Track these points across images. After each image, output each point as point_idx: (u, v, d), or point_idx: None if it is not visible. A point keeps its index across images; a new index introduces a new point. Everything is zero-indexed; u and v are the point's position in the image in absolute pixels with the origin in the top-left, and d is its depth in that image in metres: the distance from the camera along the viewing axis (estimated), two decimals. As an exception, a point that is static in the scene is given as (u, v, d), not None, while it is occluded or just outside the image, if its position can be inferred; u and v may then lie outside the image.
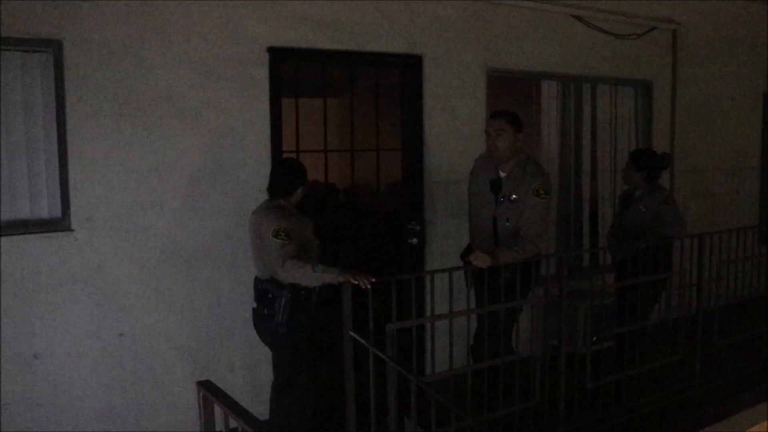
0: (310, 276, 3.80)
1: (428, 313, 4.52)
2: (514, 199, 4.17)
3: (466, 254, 4.34)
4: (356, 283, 3.61)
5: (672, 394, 4.77)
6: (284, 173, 4.12)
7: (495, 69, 5.50)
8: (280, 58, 4.59)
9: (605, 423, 4.41)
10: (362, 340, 3.48)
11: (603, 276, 5.01)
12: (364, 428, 3.68)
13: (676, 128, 6.71)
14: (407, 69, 5.15)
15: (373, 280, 3.62)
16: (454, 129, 5.28)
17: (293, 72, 4.74)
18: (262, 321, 4.03)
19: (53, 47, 3.99)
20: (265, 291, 3.98)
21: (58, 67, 4.01)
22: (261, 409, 4.12)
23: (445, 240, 5.22)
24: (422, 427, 3.56)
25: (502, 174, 4.25)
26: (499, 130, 4.20)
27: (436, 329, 4.08)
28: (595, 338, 4.62)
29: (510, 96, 5.95)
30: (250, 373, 4.59)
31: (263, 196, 4.20)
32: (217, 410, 2.02)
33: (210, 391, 2.01)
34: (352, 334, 3.51)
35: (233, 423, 1.98)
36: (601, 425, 4.40)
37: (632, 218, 5.11)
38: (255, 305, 4.07)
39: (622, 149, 6.29)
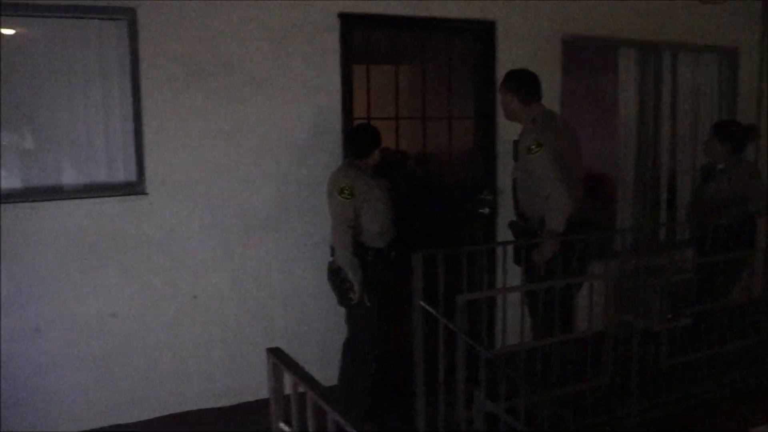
0: (341, 254, 3.96)
1: (499, 286, 4.45)
2: (518, 157, 4.14)
3: (510, 226, 4.33)
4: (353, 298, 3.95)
5: (751, 377, 4.60)
6: (359, 136, 4.20)
7: (570, 36, 5.34)
8: (352, 25, 4.55)
9: (679, 404, 4.30)
10: (432, 310, 3.45)
11: (680, 251, 4.86)
12: (432, 398, 3.67)
13: (764, 98, 6.41)
14: (480, 35, 5.05)
15: (368, 305, 3.98)
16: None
17: (364, 38, 4.70)
18: (334, 276, 4.07)
19: (128, 15, 4.04)
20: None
21: (133, 34, 4.06)
22: (329, 374, 4.17)
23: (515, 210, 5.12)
24: (491, 399, 3.53)
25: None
26: (501, 90, 4.20)
27: (508, 303, 4.02)
28: (670, 316, 4.48)
29: (586, 64, 5.78)
30: (320, 337, 4.61)
31: (334, 163, 4.21)
32: (286, 377, 2.02)
33: (279, 359, 2.01)
34: (422, 303, 3.49)
35: (302, 390, 1.98)
36: (674, 406, 4.29)
37: (714, 192, 4.90)
38: (330, 260, 4.11)
39: (704, 120, 6.07)
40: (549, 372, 3.91)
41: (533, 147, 3.93)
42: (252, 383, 4.39)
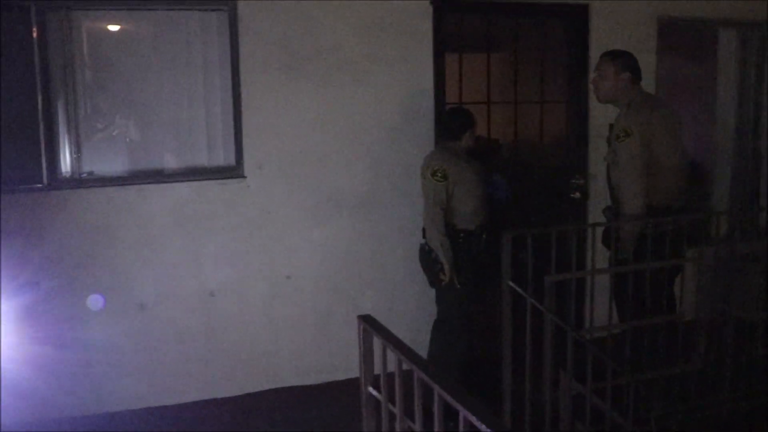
0: (432, 236, 4.02)
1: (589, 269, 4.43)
2: (610, 142, 4.06)
3: (605, 211, 4.29)
4: (443, 278, 4.00)
5: None
6: (452, 118, 4.25)
7: (667, 17, 5.21)
8: (444, 11, 4.60)
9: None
10: (520, 290, 3.48)
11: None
12: (518, 378, 3.70)
13: None
14: (573, 19, 5.02)
15: (458, 286, 4.02)
16: (622, 81, 5.08)
17: (456, 24, 4.75)
18: (425, 257, 4.14)
19: (229, 6, 4.22)
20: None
21: (233, 24, 4.23)
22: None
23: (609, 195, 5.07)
24: (578, 381, 3.53)
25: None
26: (599, 69, 4.06)
27: (597, 286, 4.00)
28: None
29: (684, 46, 5.64)
30: (410, 318, 4.68)
31: (426, 147, 4.29)
32: (376, 342, 2.11)
33: (370, 325, 2.10)
34: (510, 284, 3.52)
35: (390, 357, 2.06)
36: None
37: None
38: (423, 241, 4.18)
39: (809, 104, 5.82)
40: (638, 356, 3.87)
41: (621, 135, 3.87)
42: (342, 362, 4.52)
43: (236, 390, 4.42)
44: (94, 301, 4.01)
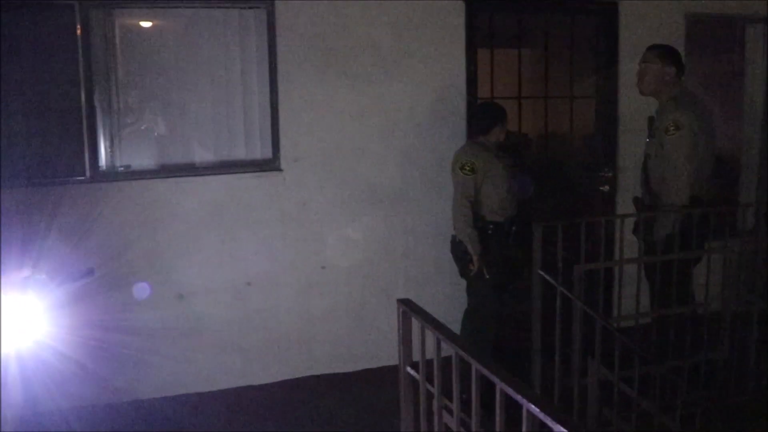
0: (461, 228, 4.11)
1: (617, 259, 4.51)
2: (655, 134, 4.14)
3: (635, 201, 4.39)
4: (472, 269, 4.09)
5: None
6: (482, 113, 4.35)
7: (694, 13, 5.29)
8: (476, 7, 4.71)
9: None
10: (551, 279, 3.58)
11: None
12: (548, 365, 3.80)
13: None
14: (603, 16, 5.11)
15: (487, 277, 4.08)
16: (650, 77, 5.14)
17: (488, 21, 4.84)
18: (455, 248, 4.25)
19: (266, 4, 4.35)
20: None
21: (271, 21, 4.36)
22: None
23: (637, 188, 5.11)
24: (605, 367, 3.62)
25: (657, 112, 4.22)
26: (646, 63, 4.15)
27: (625, 277, 4.09)
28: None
29: (712, 42, 5.68)
30: (441, 308, 4.61)
31: (458, 141, 4.39)
32: (415, 324, 2.22)
33: (409, 307, 2.21)
34: (541, 272, 3.62)
35: (429, 336, 2.17)
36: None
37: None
38: (453, 233, 4.29)
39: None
40: (665, 344, 3.95)
41: (671, 128, 3.98)
42: (375, 350, 4.64)
43: (272, 377, 4.55)
44: (140, 290, 4.15)
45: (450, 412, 2.10)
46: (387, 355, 4.39)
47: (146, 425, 4.08)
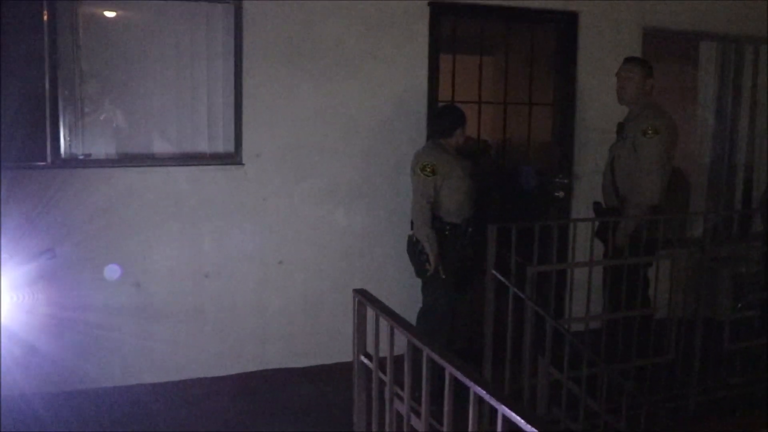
0: (419, 228, 4.19)
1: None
2: (627, 137, 4.32)
3: (595, 206, 4.55)
4: (429, 269, 4.18)
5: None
6: (444, 115, 4.43)
7: (651, 28, 5.44)
8: (440, 13, 4.79)
9: (742, 388, 4.39)
10: (503, 279, 3.67)
11: (751, 243, 4.92)
12: (499, 366, 3.88)
13: None
14: (563, 25, 5.23)
15: (443, 277, 4.19)
16: (607, 87, 5.25)
17: (451, 26, 4.92)
18: (412, 248, 4.32)
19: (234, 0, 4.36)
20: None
21: (238, 17, 4.39)
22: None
23: (592, 195, 5.23)
24: (555, 368, 3.72)
25: (629, 118, 4.41)
26: (628, 73, 4.33)
27: (577, 281, 4.20)
28: (740, 305, 4.56)
29: (667, 56, 5.85)
30: (397, 306, 4.62)
31: (418, 142, 4.46)
32: (369, 313, 2.28)
33: (364, 297, 2.27)
34: (494, 272, 3.71)
35: (383, 325, 2.23)
36: (737, 390, 4.37)
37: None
38: (410, 232, 4.35)
39: (787, 116, 6.06)
40: (614, 346, 4.07)
41: (650, 131, 4.18)
42: (329, 347, 4.67)
43: (225, 370, 4.55)
44: (99, 277, 4.14)
45: (402, 399, 2.16)
46: (341, 351, 4.42)
47: (96, 414, 4.05)
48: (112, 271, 4.22)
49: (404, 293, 4.72)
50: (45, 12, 4.06)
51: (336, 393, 4.21)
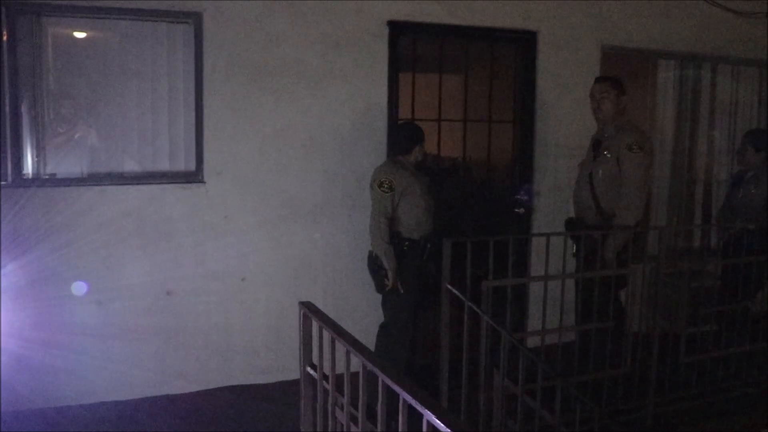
0: (377, 243, 4.26)
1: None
2: (607, 155, 4.38)
3: (568, 224, 4.56)
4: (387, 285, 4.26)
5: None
6: (402, 132, 4.52)
7: (610, 46, 5.55)
8: (399, 32, 4.86)
9: (697, 400, 4.44)
10: (458, 293, 3.71)
11: (708, 258, 5.00)
12: (456, 377, 3.91)
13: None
14: (522, 44, 5.31)
15: (402, 292, 4.27)
16: (566, 104, 5.39)
17: (411, 45, 5.00)
18: (371, 263, 4.37)
19: (194, 19, 4.42)
20: None
21: (198, 36, 4.44)
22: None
23: (552, 211, 5.34)
24: (511, 381, 3.75)
25: (604, 135, 4.48)
26: (603, 93, 4.42)
27: (535, 296, 4.25)
28: (699, 319, 4.63)
29: (625, 74, 5.96)
30: (358, 321, 4.78)
31: (378, 159, 4.52)
32: (315, 326, 2.32)
33: (310, 309, 2.31)
34: (449, 287, 3.75)
35: (326, 336, 2.26)
36: (693, 401, 4.43)
37: (743, 199, 5.05)
38: (371, 248, 4.39)
39: (742, 132, 6.16)
40: (570, 359, 4.12)
41: (635, 147, 4.28)
42: (293, 362, 4.61)
43: (190, 387, 4.57)
44: (73, 289, 4.18)
45: (342, 408, 2.19)
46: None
47: (57, 434, 4.03)
48: (73, 289, 4.23)
49: (366, 308, 4.80)
50: (4, 31, 4.07)
51: (297, 410, 4.20)
